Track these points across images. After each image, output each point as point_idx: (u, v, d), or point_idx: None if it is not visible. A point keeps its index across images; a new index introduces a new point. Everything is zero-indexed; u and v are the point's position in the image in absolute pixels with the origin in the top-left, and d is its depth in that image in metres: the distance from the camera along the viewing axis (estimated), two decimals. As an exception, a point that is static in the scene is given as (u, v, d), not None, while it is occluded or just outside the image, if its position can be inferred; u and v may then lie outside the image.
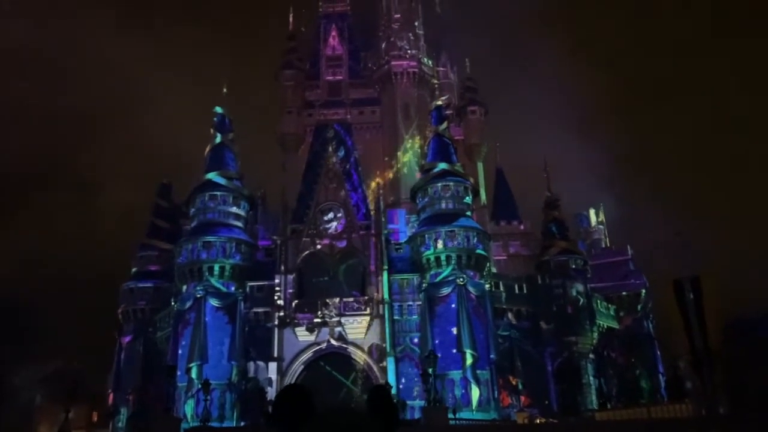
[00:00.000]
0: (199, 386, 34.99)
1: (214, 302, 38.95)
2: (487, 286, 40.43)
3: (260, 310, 40.35)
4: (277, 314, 39.60)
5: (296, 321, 39.21)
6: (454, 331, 37.66)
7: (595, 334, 44.02)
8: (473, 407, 35.97)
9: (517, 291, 43.81)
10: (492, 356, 37.90)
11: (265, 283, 40.69)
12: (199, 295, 38.84)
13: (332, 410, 3.27)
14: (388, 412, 3.96)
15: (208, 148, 43.83)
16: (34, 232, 72.04)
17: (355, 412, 3.38)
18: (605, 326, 46.48)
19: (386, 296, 39.69)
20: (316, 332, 39.11)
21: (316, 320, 38.99)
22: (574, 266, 45.01)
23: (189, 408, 36.49)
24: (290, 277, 40.43)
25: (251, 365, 38.97)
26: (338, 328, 38.99)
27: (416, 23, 60.02)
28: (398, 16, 59.53)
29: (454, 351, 37.23)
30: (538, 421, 36.10)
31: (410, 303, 40.20)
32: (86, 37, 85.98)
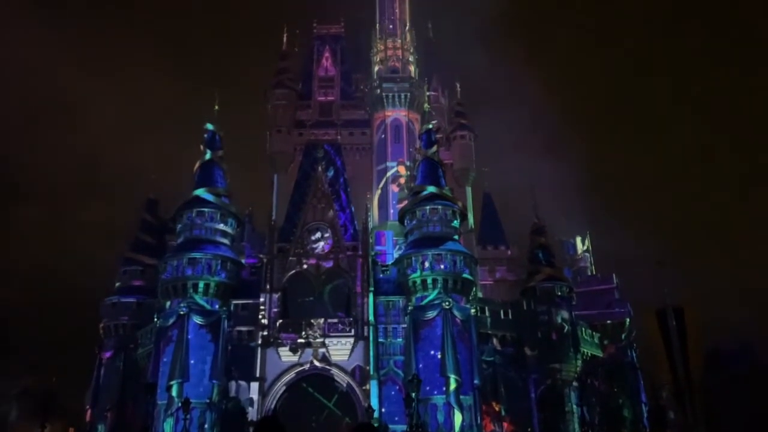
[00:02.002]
0: (179, 405, 34.48)
1: (197, 320, 38.55)
2: (473, 310, 40.40)
3: (244, 328, 39.99)
4: (260, 333, 39.27)
5: (280, 341, 38.90)
6: (439, 355, 37.50)
7: (579, 362, 43.99)
8: (456, 433, 35.72)
9: (502, 316, 43.82)
10: (476, 381, 37.76)
11: (250, 301, 40.39)
12: (182, 312, 38.42)
13: None
14: None
15: (197, 165, 43.69)
16: (6, 246, 71.19)
17: None
18: (589, 354, 46.51)
19: (371, 318, 39.54)
20: (299, 353, 38.80)
21: (299, 340, 38.70)
22: (559, 293, 45.15)
23: (168, 426, 35.92)
24: (275, 296, 40.19)
25: (233, 385, 38.48)
26: (322, 349, 38.72)
27: (409, 48, 60.54)
28: (391, 39, 60.08)
29: (438, 375, 37.04)
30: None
31: (395, 325, 40.04)
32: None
